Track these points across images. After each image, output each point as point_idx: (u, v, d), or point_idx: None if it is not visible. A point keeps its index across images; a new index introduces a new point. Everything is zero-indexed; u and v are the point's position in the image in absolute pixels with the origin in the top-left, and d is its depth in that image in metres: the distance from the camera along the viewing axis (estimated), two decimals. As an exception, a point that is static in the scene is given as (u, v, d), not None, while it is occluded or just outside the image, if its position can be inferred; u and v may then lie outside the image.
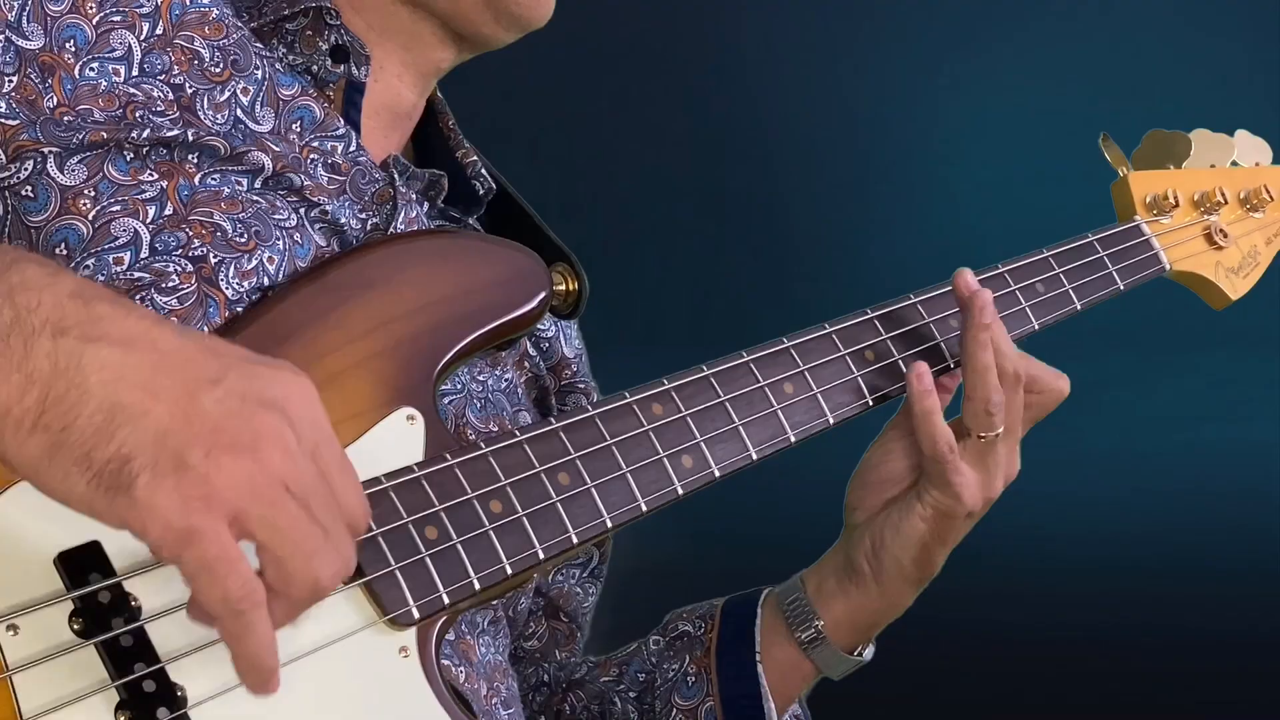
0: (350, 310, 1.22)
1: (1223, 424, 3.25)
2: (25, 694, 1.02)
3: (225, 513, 0.95)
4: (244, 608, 0.96)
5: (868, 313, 1.45)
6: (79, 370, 0.95)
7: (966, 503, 1.41)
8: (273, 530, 0.96)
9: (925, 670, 2.99)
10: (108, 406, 0.94)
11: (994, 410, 1.40)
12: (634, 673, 1.53)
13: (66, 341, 0.96)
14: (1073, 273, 1.56)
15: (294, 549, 0.97)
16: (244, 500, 0.95)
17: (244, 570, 0.95)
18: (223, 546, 0.94)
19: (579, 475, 1.26)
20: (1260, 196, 1.73)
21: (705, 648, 1.49)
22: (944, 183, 3.18)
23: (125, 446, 0.94)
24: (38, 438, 0.94)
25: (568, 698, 1.54)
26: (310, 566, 0.98)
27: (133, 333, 0.97)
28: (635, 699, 1.51)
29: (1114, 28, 3.25)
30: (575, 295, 1.38)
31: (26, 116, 1.20)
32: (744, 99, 3.22)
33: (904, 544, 1.43)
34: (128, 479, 0.93)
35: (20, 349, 0.95)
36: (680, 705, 1.48)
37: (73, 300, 0.98)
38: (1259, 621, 3.16)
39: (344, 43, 1.35)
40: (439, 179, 1.40)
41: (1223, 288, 1.69)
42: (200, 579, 0.95)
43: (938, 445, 1.40)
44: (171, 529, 0.94)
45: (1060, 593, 3.15)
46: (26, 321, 0.96)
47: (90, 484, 0.94)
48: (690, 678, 1.49)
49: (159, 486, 0.93)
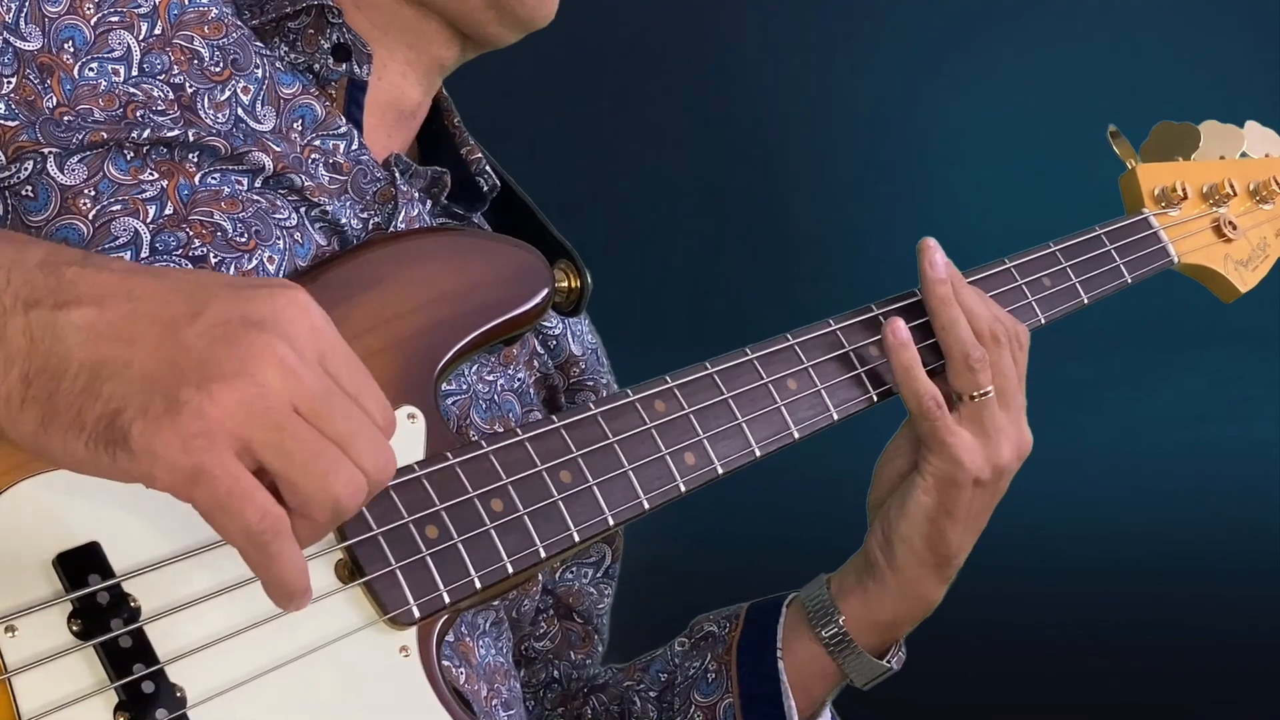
0: (351, 308, 1.21)
1: (1223, 423, 3.25)
2: (24, 695, 1.01)
3: (229, 444, 0.92)
4: (267, 538, 0.93)
5: (872, 308, 1.44)
6: (56, 339, 0.94)
7: (967, 465, 1.38)
8: (279, 453, 0.93)
9: (925, 670, 2.98)
10: (89, 366, 0.93)
11: (975, 365, 1.38)
12: (655, 673, 1.52)
13: (39, 313, 0.94)
14: (1080, 266, 1.55)
15: (304, 471, 0.94)
16: (245, 427, 0.92)
17: (260, 500, 0.93)
18: (233, 479, 0.92)
19: (581, 473, 1.25)
20: (1270, 188, 1.72)
21: (727, 645, 1.47)
22: (944, 183, 3.19)
23: (113, 401, 0.92)
24: (30, 411, 0.93)
25: (589, 701, 1.53)
26: (326, 486, 0.94)
27: (105, 288, 0.96)
28: (655, 698, 1.51)
29: (1114, 27, 3.25)
30: (578, 292, 1.38)
31: (26, 117, 1.20)
32: (744, 99, 3.22)
33: (911, 522, 1.41)
34: (121, 431, 0.92)
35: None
36: (699, 702, 1.47)
37: (41, 270, 0.96)
38: (1259, 620, 3.16)
39: (346, 41, 1.35)
40: (442, 176, 1.39)
41: (1232, 280, 1.68)
42: (216, 517, 0.93)
43: (922, 401, 1.38)
44: (177, 471, 0.91)
45: (1060, 591, 3.15)
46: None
47: (89, 445, 0.92)
48: (710, 674, 1.47)
49: (155, 431, 0.91)
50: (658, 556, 2.18)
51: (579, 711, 1.53)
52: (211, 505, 0.92)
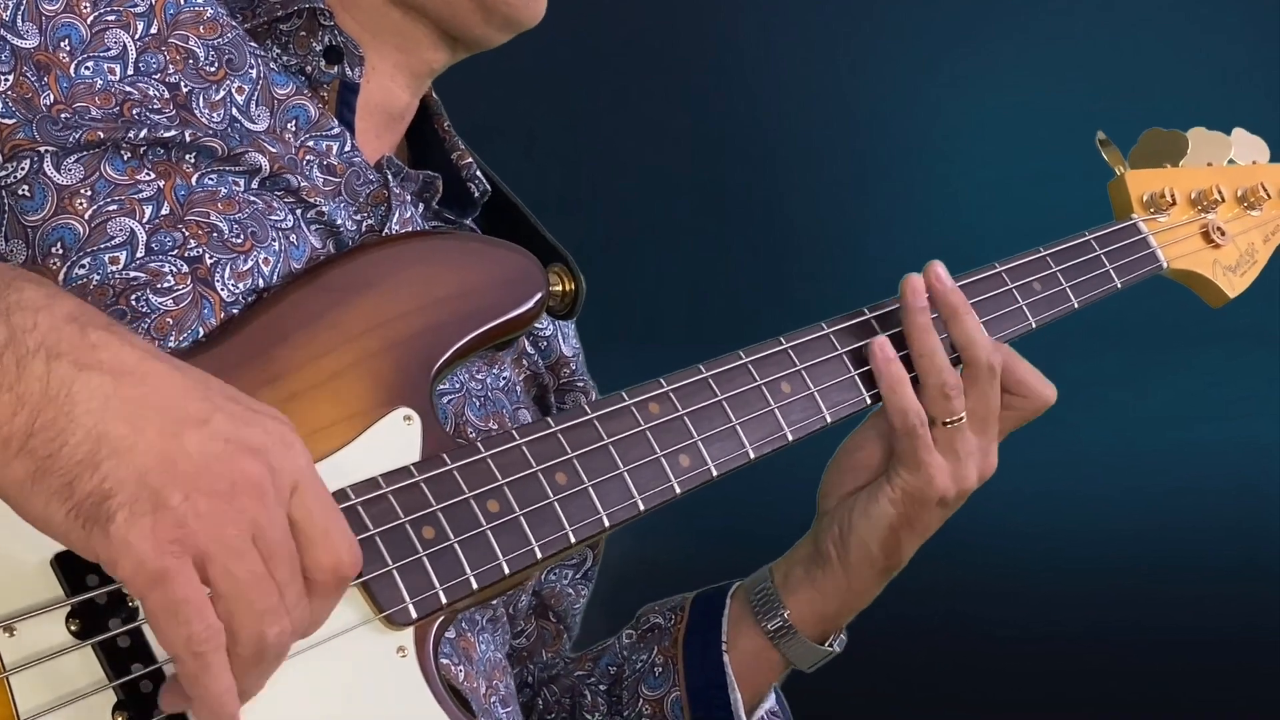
0: (347, 311, 1.22)
1: (1218, 422, 3.25)
2: (22, 694, 1.02)
3: (194, 555, 0.97)
4: (206, 649, 0.97)
5: (865, 312, 1.45)
6: (69, 397, 0.96)
7: (938, 486, 1.40)
8: (231, 580, 0.98)
9: (917, 668, 2.99)
10: (94, 436, 0.96)
11: (950, 393, 1.40)
12: (605, 665, 1.53)
13: (60, 366, 0.97)
14: (1070, 271, 1.55)
15: (246, 603, 0.99)
16: (212, 545, 0.97)
17: (208, 614, 0.97)
18: (190, 589, 0.97)
19: (576, 475, 1.26)
20: (1257, 194, 1.73)
21: (672, 638, 1.49)
22: (943, 182, 3.18)
23: (107, 481, 0.96)
24: (22, 461, 0.96)
25: (541, 692, 1.54)
26: (259, 622, 0.99)
27: (126, 363, 0.99)
28: (605, 691, 1.52)
29: (1114, 27, 3.25)
30: (572, 296, 1.38)
31: (23, 115, 1.20)
32: (744, 98, 3.22)
33: (871, 527, 1.42)
34: (106, 514, 0.95)
35: (13, 369, 0.96)
36: (647, 696, 1.49)
37: (69, 324, 0.99)
38: (1255, 619, 3.16)
39: (338, 43, 1.35)
40: (434, 180, 1.40)
41: (1220, 285, 1.69)
42: (165, 619, 0.97)
43: (908, 417, 1.39)
44: (143, 568, 0.96)
45: (1055, 591, 3.15)
46: (21, 342, 0.97)
47: (69, 515, 0.96)
48: (657, 668, 1.49)
49: (135, 525, 0.95)
50: (652, 555, 2.18)
51: (529, 702, 1.54)
52: (163, 608, 0.97)
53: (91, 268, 1.19)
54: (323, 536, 1.02)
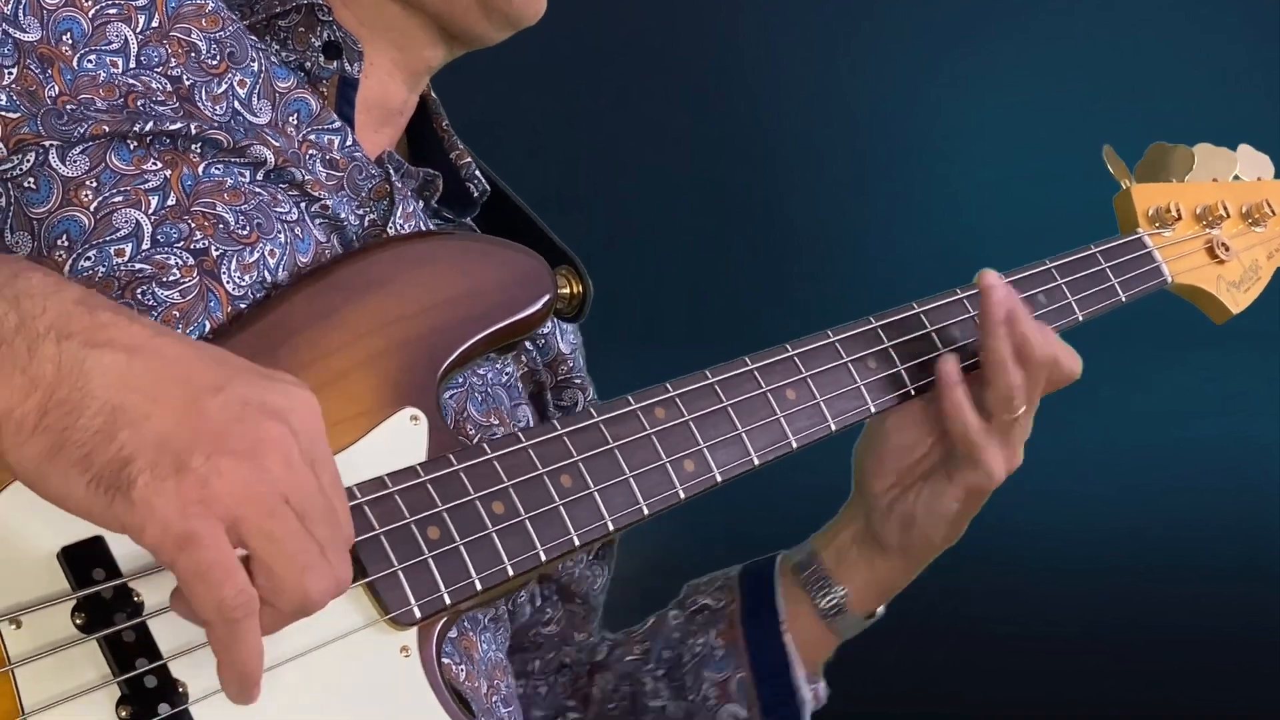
0: (355, 310, 1.22)
1: (1216, 420, 3.25)
2: (27, 688, 1.02)
3: (222, 518, 0.95)
4: (237, 616, 0.96)
5: (871, 321, 1.46)
6: (82, 374, 0.96)
7: (998, 477, 1.46)
8: (268, 540, 0.97)
9: (919, 667, 2.99)
10: (109, 409, 0.95)
11: (1015, 394, 1.44)
12: (659, 650, 1.55)
13: (70, 346, 0.96)
14: (1075, 284, 1.57)
15: (288, 561, 0.97)
16: (242, 507, 0.96)
17: (240, 578, 0.96)
18: (220, 552, 0.95)
19: (581, 478, 1.26)
20: (1262, 211, 1.74)
21: (728, 620, 1.52)
22: (944, 182, 3.17)
23: (126, 448, 0.95)
24: (39, 439, 0.95)
25: (594, 680, 1.56)
26: (302, 580, 0.98)
27: (137, 339, 0.98)
28: (665, 676, 1.54)
29: (1114, 27, 3.25)
30: (580, 298, 1.39)
31: (28, 109, 1.20)
32: (744, 98, 3.21)
33: (936, 522, 1.48)
34: (127, 480, 0.94)
35: (24, 352, 0.96)
36: (712, 679, 1.51)
37: (77, 307, 0.99)
38: (1254, 618, 3.16)
39: (336, 39, 1.35)
40: (434, 179, 1.40)
41: (1224, 301, 1.70)
42: (195, 584, 0.95)
43: (970, 434, 1.44)
44: (169, 532, 0.94)
45: (1053, 589, 3.15)
46: (31, 326, 0.97)
47: (90, 485, 0.95)
48: (719, 651, 1.52)
49: (158, 488, 0.94)
50: (656, 558, 2.19)
51: (586, 691, 1.55)
52: (193, 573, 0.95)
53: (97, 260, 1.19)
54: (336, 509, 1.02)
